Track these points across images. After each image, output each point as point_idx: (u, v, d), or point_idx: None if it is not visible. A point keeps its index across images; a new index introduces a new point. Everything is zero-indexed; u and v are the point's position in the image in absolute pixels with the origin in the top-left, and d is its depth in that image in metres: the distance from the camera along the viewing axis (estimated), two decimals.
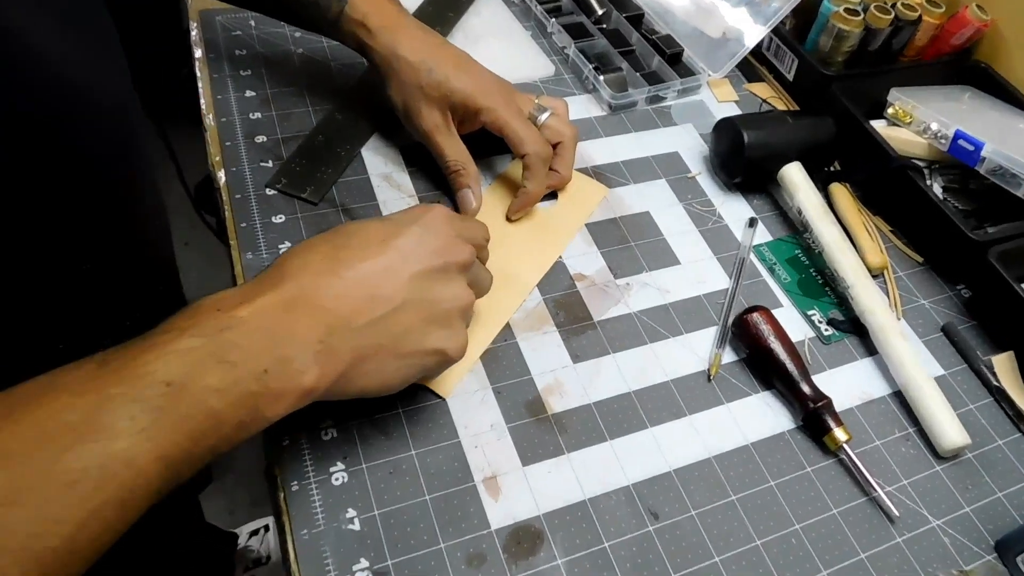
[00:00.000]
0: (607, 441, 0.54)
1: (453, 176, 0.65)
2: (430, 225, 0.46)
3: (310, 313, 0.40)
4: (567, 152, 0.67)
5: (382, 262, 0.43)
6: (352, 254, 0.43)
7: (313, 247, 0.43)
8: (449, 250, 0.46)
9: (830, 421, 0.55)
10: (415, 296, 0.44)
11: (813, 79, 0.78)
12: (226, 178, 0.66)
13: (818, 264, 0.68)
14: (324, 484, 0.49)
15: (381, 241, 0.44)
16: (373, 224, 0.46)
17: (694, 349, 0.60)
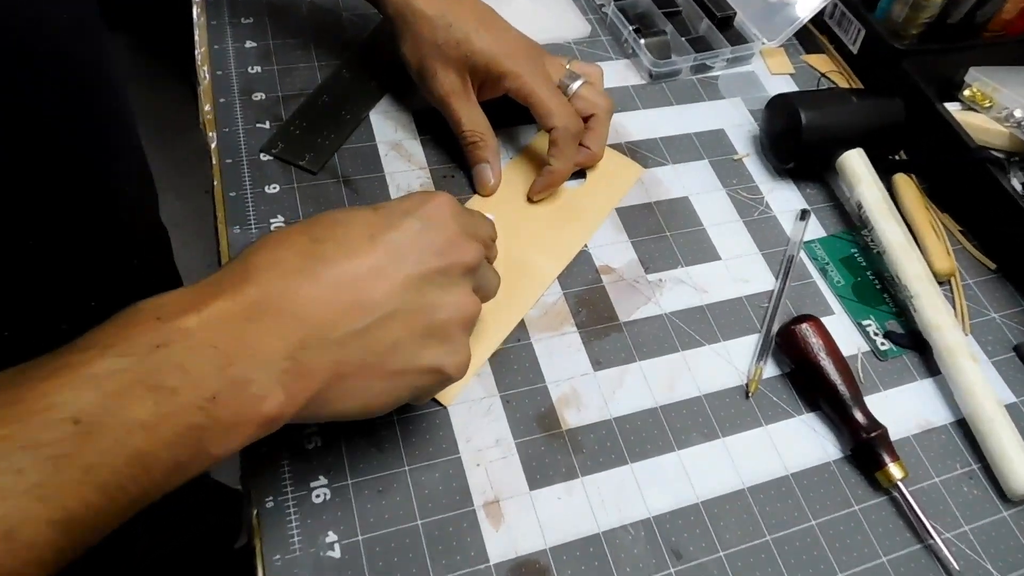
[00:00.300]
0: (627, 464, 0.48)
1: (470, 148, 0.58)
2: (431, 218, 0.39)
3: (278, 322, 0.33)
4: (600, 126, 0.59)
5: (370, 261, 0.36)
6: (334, 250, 0.36)
7: (286, 240, 0.36)
8: (453, 249, 0.39)
9: (885, 455, 0.48)
10: (409, 303, 0.37)
11: (881, 53, 0.69)
12: (217, 140, 0.59)
13: (877, 266, 0.60)
14: (303, 502, 0.43)
15: (370, 236, 0.37)
16: (361, 214, 0.38)
17: (732, 360, 0.53)
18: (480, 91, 0.58)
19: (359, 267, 0.36)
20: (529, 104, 0.56)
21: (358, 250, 0.36)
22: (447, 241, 0.39)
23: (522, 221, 0.57)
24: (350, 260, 0.36)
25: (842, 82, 0.72)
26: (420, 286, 0.37)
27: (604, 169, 0.62)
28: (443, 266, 0.38)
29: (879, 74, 0.70)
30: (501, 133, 0.62)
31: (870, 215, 0.59)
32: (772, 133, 0.64)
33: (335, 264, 0.35)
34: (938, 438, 0.52)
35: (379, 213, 0.38)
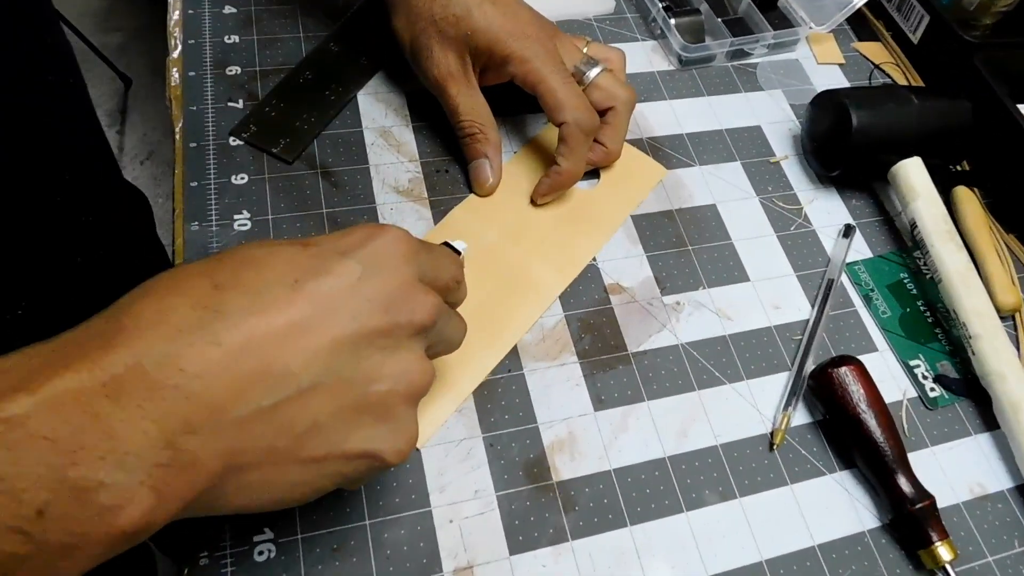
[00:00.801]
0: (627, 527, 0.41)
1: (467, 140, 0.51)
2: (376, 260, 0.30)
3: (153, 399, 0.25)
4: (619, 121, 0.52)
5: (288, 316, 0.28)
6: (241, 300, 0.27)
7: (181, 283, 0.27)
8: (402, 303, 0.30)
9: (932, 532, 0.40)
10: (337, 373, 0.29)
11: (947, 45, 0.60)
12: (183, 120, 0.52)
13: (930, 295, 0.52)
14: (244, 559, 0.37)
15: (292, 282, 0.28)
16: (284, 251, 0.30)
17: (756, 403, 0.46)
18: (482, 76, 0.51)
19: (272, 324, 0.27)
20: (537, 94, 0.48)
21: (274, 301, 0.28)
22: (395, 292, 0.30)
23: (523, 226, 0.50)
24: (261, 315, 0.27)
25: (899, 76, 0.64)
26: (354, 351, 0.29)
27: (621, 169, 0.54)
28: (387, 326, 0.30)
29: (943, 69, 0.61)
30: (505, 122, 0.55)
31: (926, 236, 0.51)
32: (816, 134, 0.56)
33: (240, 320, 0.27)
34: (994, 508, 0.44)
35: (308, 251, 0.30)
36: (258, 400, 0.27)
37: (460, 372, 0.44)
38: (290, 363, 0.27)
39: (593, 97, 0.50)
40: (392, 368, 0.30)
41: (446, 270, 0.35)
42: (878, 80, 0.64)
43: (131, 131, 1.92)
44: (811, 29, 0.62)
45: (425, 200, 0.51)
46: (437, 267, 0.34)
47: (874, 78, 0.64)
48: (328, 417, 0.29)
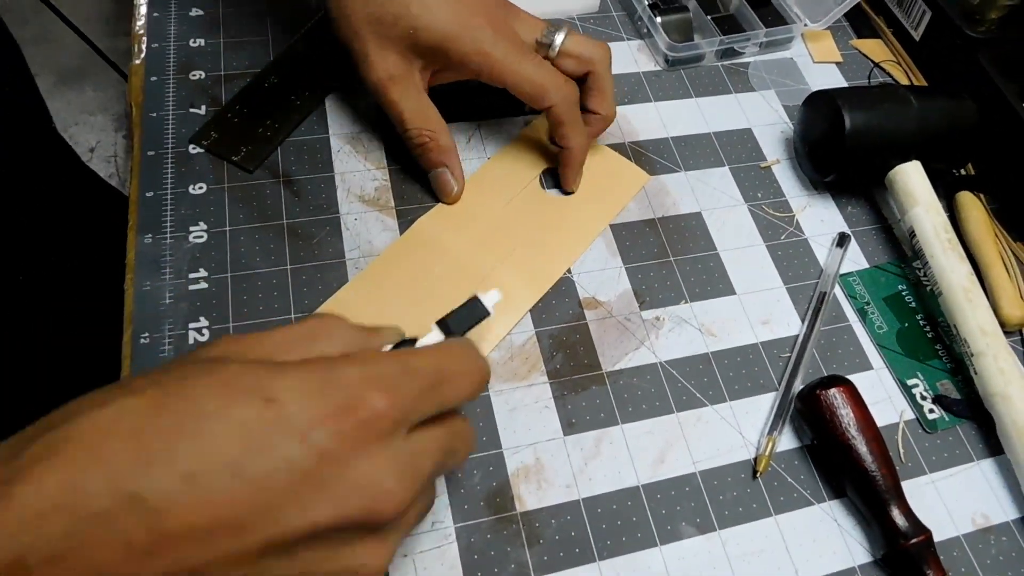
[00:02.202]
0: (595, 562, 0.38)
1: (419, 151, 0.47)
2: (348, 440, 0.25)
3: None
4: (603, 83, 0.48)
5: (218, 515, 0.23)
6: (166, 484, 0.23)
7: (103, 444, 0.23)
8: (366, 497, 0.25)
9: (929, 570, 0.37)
10: (265, 573, 0.24)
11: (951, 41, 0.57)
12: (142, 126, 0.50)
13: (931, 309, 0.48)
14: None
15: (234, 462, 0.24)
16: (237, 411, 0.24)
17: (739, 426, 0.43)
18: (439, 75, 0.47)
19: (201, 521, 0.23)
20: (508, 86, 0.45)
21: (209, 492, 0.23)
22: (357, 487, 0.25)
23: (493, 235, 0.47)
24: (191, 510, 0.23)
25: (900, 75, 0.60)
26: (291, 551, 0.25)
27: (600, 175, 0.51)
28: (335, 524, 0.25)
29: (947, 67, 0.58)
30: (484, 126, 0.52)
31: (925, 245, 0.47)
32: (809, 137, 0.52)
33: (165, 514, 0.22)
34: (998, 541, 0.41)
35: (268, 416, 0.24)
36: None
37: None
38: (209, 567, 0.23)
39: (566, 66, 0.47)
40: (335, 565, 0.26)
41: (455, 396, 0.29)
42: (878, 79, 0.60)
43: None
44: (807, 26, 0.59)
45: (391, 210, 0.48)
46: (444, 399, 0.29)
47: (874, 77, 0.60)
48: None
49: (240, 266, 0.45)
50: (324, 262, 0.45)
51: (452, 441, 0.30)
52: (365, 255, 0.46)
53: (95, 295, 0.63)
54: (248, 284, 0.44)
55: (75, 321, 0.63)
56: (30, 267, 0.57)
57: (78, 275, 0.65)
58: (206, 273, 0.44)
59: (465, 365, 0.30)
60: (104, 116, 1.94)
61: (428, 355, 0.29)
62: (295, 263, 0.45)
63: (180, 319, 0.42)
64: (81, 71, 1.93)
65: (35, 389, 0.59)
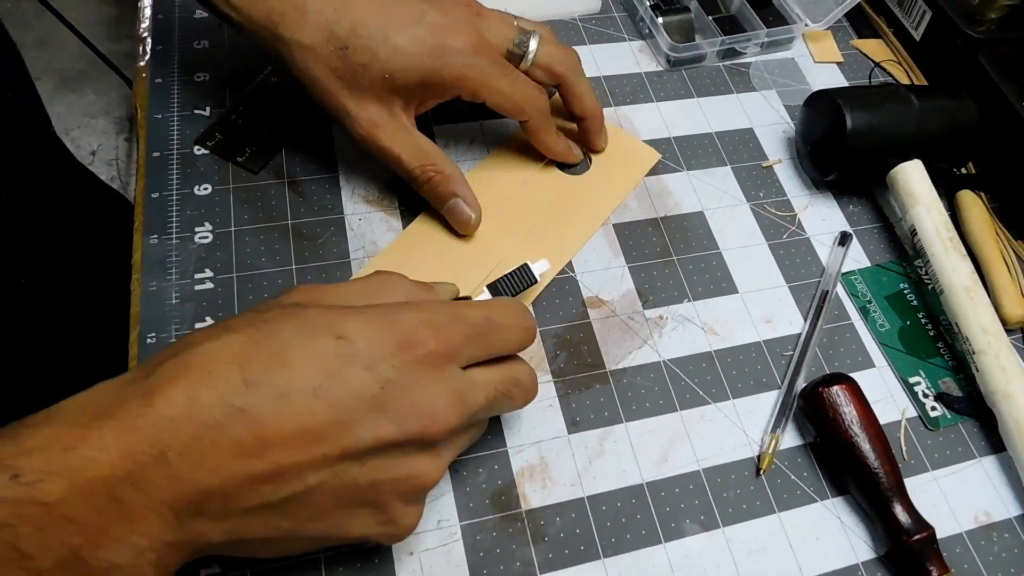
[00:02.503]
0: (599, 560, 0.38)
1: (427, 188, 0.46)
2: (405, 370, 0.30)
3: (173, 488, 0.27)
4: (577, 88, 0.48)
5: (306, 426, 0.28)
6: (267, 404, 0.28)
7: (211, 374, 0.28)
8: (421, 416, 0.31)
9: (931, 566, 0.37)
10: (342, 476, 0.30)
11: (951, 41, 0.57)
12: (147, 128, 0.50)
13: (933, 307, 0.49)
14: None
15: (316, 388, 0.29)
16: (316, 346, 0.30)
17: (742, 424, 0.43)
18: (422, 105, 0.46)
19: (290, 432, 0.28)
20: (487, 104, 0.45)
21: (297, 409, 0.28)
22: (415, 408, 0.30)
23: (510, 218, 0.48)
24: (284, 422, 0.28)
25: (900, 75, 0.61)
26: (362, 458, 0.30)
27: (612, 154, 0.52)
28: (397, 439, 0.30)
29: (947, 67, 0.58)
30: (487, 125, 0.52)
31: (927, 244, 0.48)
32: (810, 137, 0.53)
33: (263, 424, 0.28)
34: (1001, 537, 0.41)
35: (340, 350, 0.30)
36: (266, 495, 0.28)
37: None
38: (301, 466, 0.28)
39: (538, 76, 0.47)
40: (397, 473, 0.31)
41: (503, 345, 0.34)
42: (879, 79, 0.60)
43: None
44: (807, 26, 0.59)
45: (396, 210, 0.48)
46: (491, 347, 0.34)
47: (874, 77, 0.61)
48: (331, 508, 0.30)
49: (246, 266, 0.45)
50: (329, 262, 0.46)
51: (507, 383, 0.34)
52: (370, 255, 0.46)
53: (96, 296, 0.63)
54: (254, 284, 0.44)
55: (76, 322, 0.63)
56: (32, 269, 0.57)
57: (78, 277, 0.65)
58: (212, 273, 0.44)
59: (511, 319, 0.35)
60: (106, 120, 1.94)
61: (478, 306, 0.34)
62: (300, 263, 0.45)
63: (186, 319, 0.43)
64: (83, 75, 1.93)
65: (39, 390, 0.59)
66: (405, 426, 0.30)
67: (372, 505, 0.31)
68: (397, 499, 0.31)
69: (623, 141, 0.53)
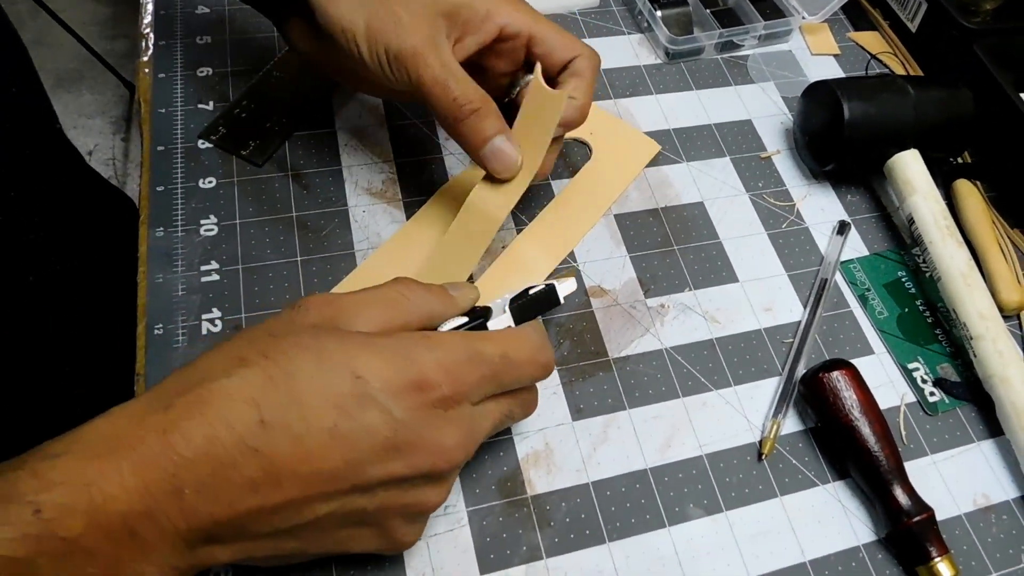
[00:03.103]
0: (605, 544, 0.39)
1: (471, 122, 0.41)
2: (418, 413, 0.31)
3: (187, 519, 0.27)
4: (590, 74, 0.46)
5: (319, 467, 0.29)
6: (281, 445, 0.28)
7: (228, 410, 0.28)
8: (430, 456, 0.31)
9: (931, 547, 0.38)
10: (350, 505, 0.30)
11: (946, 32, 0.57)
12: (151, 122, 0.50)
13: (930, 294, 0.49)
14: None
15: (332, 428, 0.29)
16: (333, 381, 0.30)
17: (744, 410, 0.44)
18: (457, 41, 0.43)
19: (306, 471, 0.29)
20: (535, 40, 0.43)
21: (311, 449, 0.29)
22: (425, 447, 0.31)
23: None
24: (298, 462, 0.29)
25: (897, 67, 0.61)
26: (371, 490, 0.30)
27: (613, 145, 0.53)
28: (405, 476, 0.31)
29: (943, 58, 0.59)
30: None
31: (924, 232, 0.48)
32: (808, 127, 0.53)
33: (278, 464, 0.28)
34: (999, 519, 0.42)
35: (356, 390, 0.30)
36: (277, 524, 0.29)
37: None
38: (312, 501, 0.29)
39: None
40: (404, 500, 0.31)
41: (516, 380, 0.34)
42: (875, 71, 0.61)
43: (136, 138, 1.91)
44: (804, 19, 0.60)
45: (399, 202, 0.49)
46: (503, 383, 0.34)
47: (871, 69, 0.61)
48: (335, 529, 0.31)
49: (251, 258, 0.45)
50: (333, 253, 0.46)
51: (512, 407, 0.35)
52: (373, 246, 0.47)
53: (97, 295, 0.64)
54: (259, 276, 0.45)
55: (79, 321, 0.63)
56: (39, 267, 0.57)
57: (79, 275, 0.65)
58: (217, 265, 0.45)
59: (530, 354, 0.34)
60: (102, 119, 1.94)
61: (496, 342, 0.33)
62: (305, 255, 0.46)
63: (193, 310, 0.43)
64: (79, 74, 1.93)
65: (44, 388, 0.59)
66: (415, 465, 0.31)
67: (376, 525, 0.32)
68: (400, 521, 0.32)
69: (623, 133, 0.53)
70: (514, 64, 0.45)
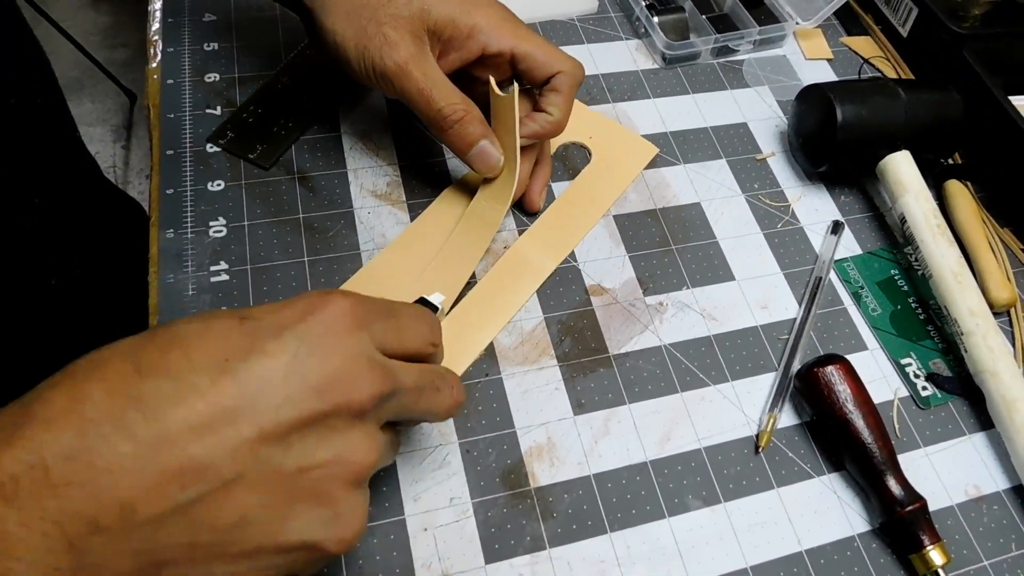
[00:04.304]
0: (607, 534, 0.40)
1: (456, 128, 0.45)
2: (315, 336, 0.28)
3: (57, 498, 0.23)
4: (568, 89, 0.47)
5: (213, 404, 0.25)
6: (162, 388, 0.25)
7: (100, 367, 0.25)
8: (339, 383, 0.28)
9: (924, 536, 0.39)
10: (264, 464, 0.26)
11: (937, 37, 0.59)
12: (160, 127, 0.52)
13: (922, 292, 0.51)
14: None
15: (221, 363, 0.26)
16: (216, 326, 0.27)
17: (741, 404, 0.45)
18: (440, 54, 0.46)
19: (194, 414, 0.25)
20: (517, 56, 0.45)
21: (197, 388, 0.25)
22: (334, 373, 0.27)
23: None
24: (183, 404, 0.25)
25: (889, 71, 0.63)
26: (284, 439, 0.26)
27: (611, 148, 0.54)
28: (322, 411, 0.27)
29: (933, 62, 0.60)
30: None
31: (916, 231, 0.49)
32: (802, 130, 0.55)
33: (159, 409, 0.25)
34: (990, 510, 0.43)
35: (243, 327, 0.27)
36: (175, 496, 0.24)
37: (455, 354, 0.44)
38: (212, 455, 0.25)
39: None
40: (328, 453, 0.27)
41: (414, 335, 0.32)
42: (868, 75, 0.62)
43: (136, 146, 1.92)
44: (798, 24, 0.61)
45: (403, 204, 0.50)
46: (402, 333, 0.32)
47: (863, 73, 0.62)
48: (257, 509, 0.26)
49: (259, 259, 0.46)
50: (340, 254, 0.47)
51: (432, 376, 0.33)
52: (379, 247, 0.48)
53: (110, 296, 0.65)
54: (267, 276, 0.46)
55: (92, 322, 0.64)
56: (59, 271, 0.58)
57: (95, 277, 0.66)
58: (227, 266, 0.46)
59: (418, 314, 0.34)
60: (103, 128, 1.95)
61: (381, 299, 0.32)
62: (312, 255, 0.47)
63: (203, 309, 0.44)
64: (79, 83, 1.94)
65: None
66: (327, 394, 0.27)
67: (307, 497, 0.27)
68: (334, 486, 0.28)
69: (622, 136, 0.55)
70: (502, 75, 0.47)
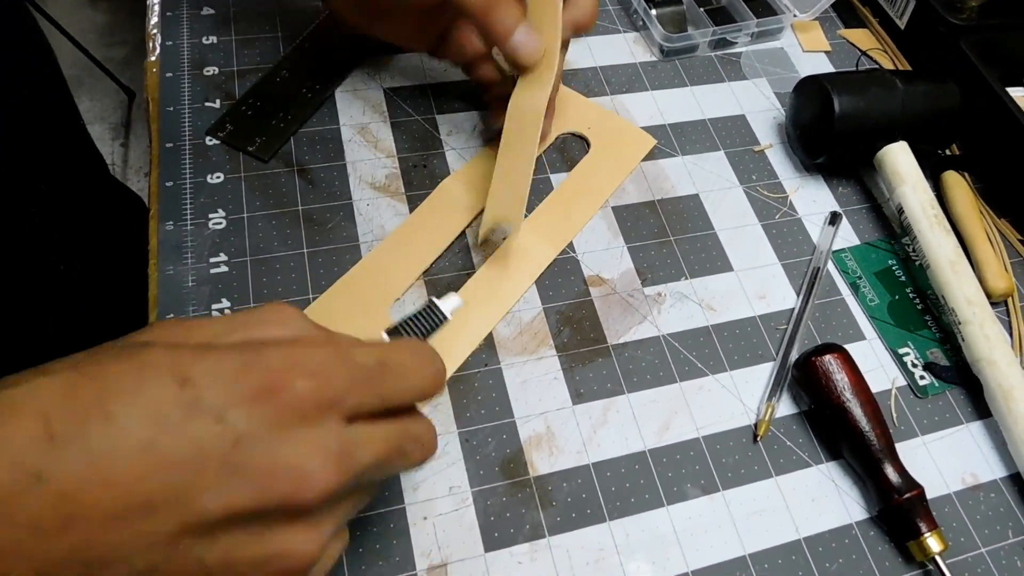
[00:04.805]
0: (605, 522, 0.40)
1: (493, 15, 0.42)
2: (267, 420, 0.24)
3: None
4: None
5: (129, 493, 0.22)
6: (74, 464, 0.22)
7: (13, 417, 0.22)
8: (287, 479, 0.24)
9: (920, 523, 0.39)
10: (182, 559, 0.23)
11: (934, 29, 0.59)
12: (159, 120, 0.52)
13: (920, 282, 0.51)
14: None
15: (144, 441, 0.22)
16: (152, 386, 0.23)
17: (739, 394, 0.45)
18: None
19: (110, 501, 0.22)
20: None
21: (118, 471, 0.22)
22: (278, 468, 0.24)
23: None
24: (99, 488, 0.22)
25: (886, 63, 0.63)
26: (209, 534, 0.23)
27: (609, 139, 0.54)
28: (257, 507, 0.24)
29: (931, 54, 0.60)
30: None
31: (913, 222, 0.50)
32: (800, 121, 0.55)
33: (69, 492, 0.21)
34: (986, 497, 0.43)
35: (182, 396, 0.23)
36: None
37: (454, 344, 0.44)
38: (122, 547, 0.22)
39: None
40: (259, 551, 0.24)
41: (403, 391, 0.28)
42: (865, 67, 0.62)
43: (135, 143, 1.92)
44: (796, 17, 0.62)
45: (402, 195, 0.50)
46: (386, 397, 0.28)
47: (861, 64, 0.63)
48: None
49: (259, 250, 0.46)
50: (339, 246, 0.47)
51: (402, 439, 0.28)
52: (378, 238, 0.48)
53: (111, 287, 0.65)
54: (267, 267, 0.46)
55: (92, 314, 0.64)
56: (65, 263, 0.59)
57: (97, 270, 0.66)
58: (226, 257, 0.46)
59: (413, 358, 0.29)
60: (101, 126, 1.94)
61: (371, 348, 0.28)
62: (311, 247, 0.47)
63: (203, 301, 0.44)
64: (78, 80, 1.94)
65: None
66: (266, 491, 0.23)
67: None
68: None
69: (620, 127, 0.55)
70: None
